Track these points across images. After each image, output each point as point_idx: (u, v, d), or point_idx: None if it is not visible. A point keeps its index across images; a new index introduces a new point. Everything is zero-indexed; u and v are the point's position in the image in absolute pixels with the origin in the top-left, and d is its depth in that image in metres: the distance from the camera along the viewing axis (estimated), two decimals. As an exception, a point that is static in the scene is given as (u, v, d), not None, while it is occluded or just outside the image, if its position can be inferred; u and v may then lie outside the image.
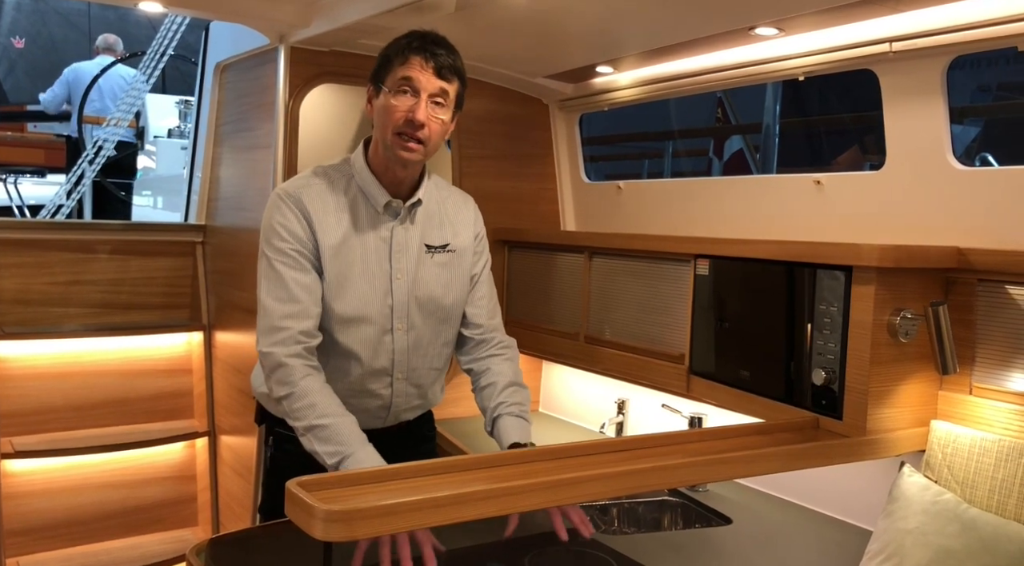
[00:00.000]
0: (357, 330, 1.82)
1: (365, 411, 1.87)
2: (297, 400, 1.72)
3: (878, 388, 1.71)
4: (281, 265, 1.78)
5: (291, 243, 1.78)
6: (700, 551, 1.89)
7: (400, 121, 1.75)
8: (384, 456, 1.68)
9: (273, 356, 1.75)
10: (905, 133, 1.92)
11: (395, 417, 1.94)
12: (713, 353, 2.12)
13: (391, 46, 1.80)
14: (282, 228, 1.79)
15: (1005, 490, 1.60)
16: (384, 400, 1.89)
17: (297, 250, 1.79)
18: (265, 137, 2.67)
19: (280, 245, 1.79)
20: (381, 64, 1.80)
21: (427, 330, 1.89)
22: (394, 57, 1.77)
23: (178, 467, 3.03)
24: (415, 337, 1.88)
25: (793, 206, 2.24)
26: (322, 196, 1.83)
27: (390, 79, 1.76)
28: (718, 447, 1.64)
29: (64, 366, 2.89)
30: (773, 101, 6.23)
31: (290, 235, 1.79)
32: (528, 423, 1.89)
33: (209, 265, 3.13)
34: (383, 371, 1.86)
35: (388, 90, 1.76)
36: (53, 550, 2.79)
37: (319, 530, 1.19)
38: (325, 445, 1.67)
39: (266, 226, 1.82)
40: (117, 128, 5.24)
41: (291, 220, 1.79)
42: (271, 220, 1.82)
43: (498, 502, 1.34)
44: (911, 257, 1.72)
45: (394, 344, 1.85)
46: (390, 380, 1.87)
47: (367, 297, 1.82)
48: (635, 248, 2.42)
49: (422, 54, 1.75)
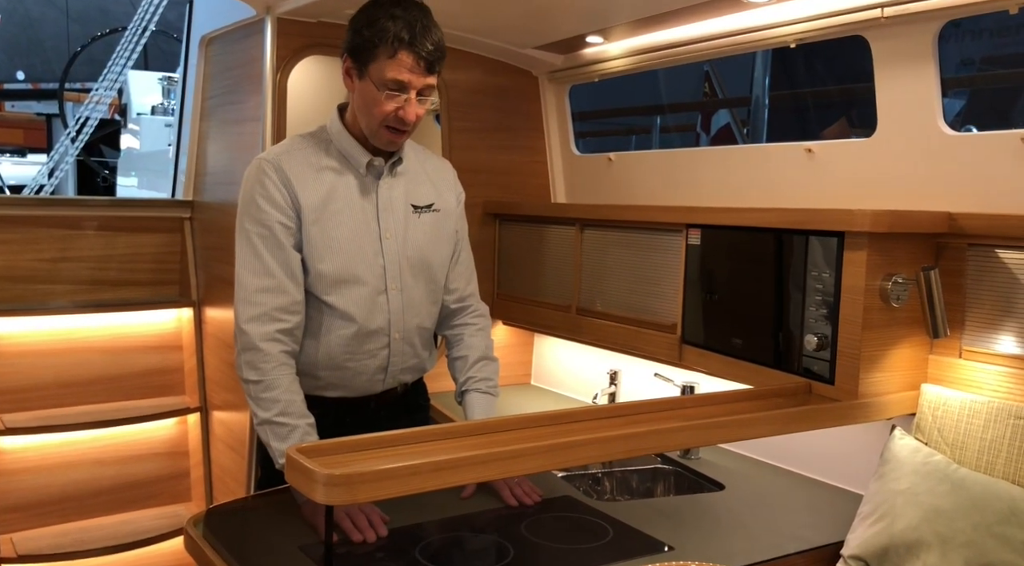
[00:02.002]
0: (350, 291, 1.82)
1: (362, 374, 1.88)
2: (265, 390, 1.73)
3: (870, 353, 1.73)
4: (258, 238, 1.77)
5: (271, 214, 1.77)
6: (694, 516, 1.91)
7: (389, 117, 1.74)
8: (380, 424, 1.68)
9: (248, 336, 1.75)
10: (896, 99, 1.92)
11: (393, 378, 1.94)
12: (705, 322, 2.13)
13: (374, 25, 1.70)
14: (262, 199, 1.78)
15: (994, 450, 1.63)
16: (381, 360, 1.89)
17: (279, 222, 1.77)
18: (253, 110, 2.64)
19: (259, 216, 1.77)
20: (362, 46, 1.71)
21: (418, 289, 1.91)
22: (380, 46, 1.69)
23: (170, 443, 3.03)
24: (408, 296, 1.89)
25: (785, 175, 2.24)
26: (303, 160, 1.82)
27: (376, 70, 1.71)
28: (712, 412, 1.65)
29: (53, 343, 2.87)
30: (763, 73, 6.23)
31: (270, 204, 1.77)
32: (495, 397, 1.98)
33: (198, 241, 3.11)
34: (380, 331, 1.86)
35: (375, 83, 1.72)
36: (46, 526, 2.78)
37: (321, 494, 1.19)
38: (281, 443, 1.70)
39: (246, 198, 1.81)
40: (99, 105, 5.19)
41: (270, 188, 1.78)
42: (251, 192, 1.80)
43: (496, 466, 1.35)
44: (903, 222, 1.74)
45: (389, 304, 1.86)
46: (388, 340, 1.88)
47: (356, 257, 1.82)
48: (627, 219, 2.42)
49: (413, 52, 1.69)
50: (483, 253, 2.92)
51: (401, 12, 1.70)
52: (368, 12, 1.73)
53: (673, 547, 1.69)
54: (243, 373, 1.77)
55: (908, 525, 1.59)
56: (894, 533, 1.61)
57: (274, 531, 1.71)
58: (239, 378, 1.80)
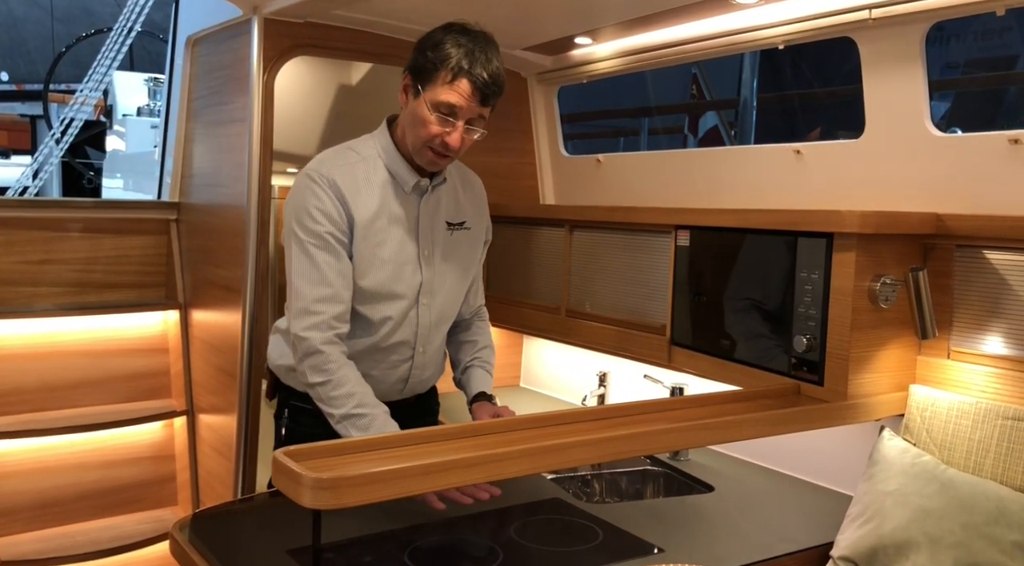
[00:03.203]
0: (386, 305, 1.85)
1: (383, 383, 1.91)
2: (335, 388, 1.74)
3: (858, 353, 1.73)
4: (314, 248, 1.77)
5: (325, 226, 1.77)
6: (684, 518, 1.91)
7: (434, 141, 1.76)
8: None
9: (309, 342, 1.76)
10: (884, 101, 1.93)
11: (411, 389, 1.97)
12: (694, 323, 2.13)
13: (440, 48, 1.72)
14: (316, 211, 1.78)
15: (982, 451, 1.63)
16: (403, 373, 1.92)
17: (331, 232, 1.78)
18: (239, 111, 2.63)
19: (314, 227, 1.77)
20: (425, 67, 1.73)
21: (445, 305, 1.96)
22: (441, 69, 1.71)
23: (156, 447, 3.00)
24: (436, 312, 1.93)
25: (773, 176, 2.25)
26: (353, 175, 1.82)
27: (431, 92, 1.73)
28: (701, 414, 1.65)
29: (37, 346, 2.83)
30: (751, 75, 6.26)
31: (325, 217, 1.78)
32: (491, 379, 2.10)
33: (184, 243, 3.08)
34: (406, 344, 1.90)
35: (428, 104, 1.73)
36: (30, 531, 2.75)
37: (307, 498, 1.18)
38: (364, 433, 1.70)
39: (298, 207, 1.80)
40: (84, 107, 5.14)
41: (325, 201, 1.78)
42: (304, 202, 1.79)
43: (484, 469, 1.34)
44: (891, 223, 1.74)
45: (419, 318, 1.89)
46: (412, 353, 1.91)
47: (396, 274, 1.85)
48: (616, 220, 2.42)
49: (471, 81, 1.71)
50: (472, 255, 2.91)
51: (467, 41, 1.72)
52: (437, 35, 1.76)
53: (663, 549, 1.69)
54: (309, 378, 1.77)
55: (897, 526, 1.59)
56: (883, 534, 1.61)
57: (262, 535, 1.69)
58: (304, 384, 1.80)
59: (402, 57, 2.78)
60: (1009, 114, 6.90)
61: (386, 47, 2.73)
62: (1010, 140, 1.71)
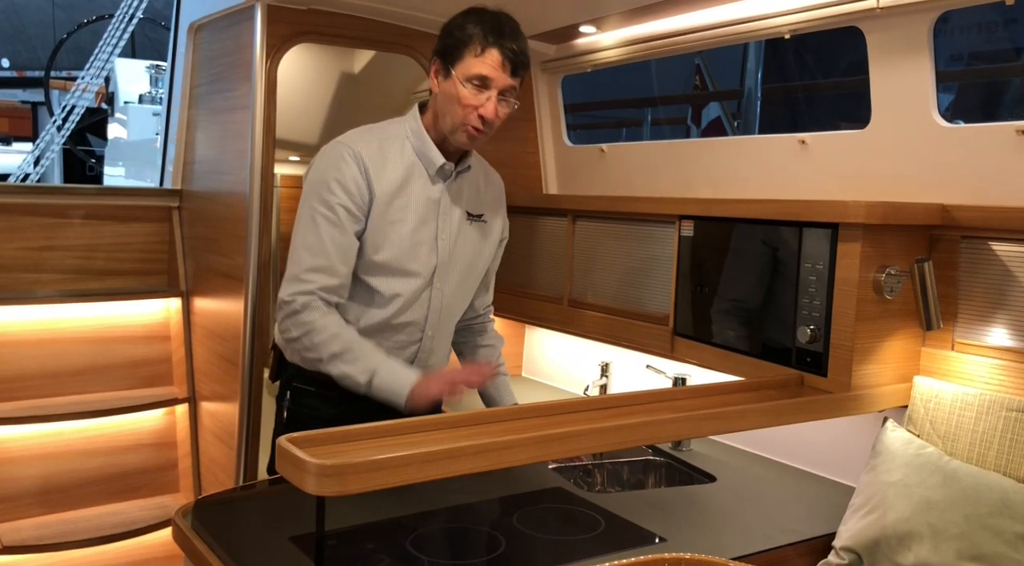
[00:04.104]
0: (398, 282, 1.86)
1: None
2: (318, 334, 1.75)
3: (862, 345, 1.73)
4: (322, 218, 1.79)
5: (340, 197, 1.79)
6: (685, 508, 1.91)
7: (470, 116, 1.78)
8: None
9: (291, 305, 1.78)
10: (891, 91, 1.91)
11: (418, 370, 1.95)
12: (698, 314, 2.13)
13: (464, 28, 1.77)
14: (335, 182, 1.79)
15: (985, 442, 1.63)
16: (409, 355, 1.93)
17: (344, 205, 1.79)
18: (242, 98, 2.62)
19: (328, 198, 1.79)
20: (452, 46, 1.78)
21: (458, 293, 1.97)
22: (469, 45, 1.75)
23: (158, 434, 3.00)
24: (449, 297, 1.94)
25: (778, 167, 2.24)
26: (380, 150, 1.85)
27: (462, 68, 1.76)
28: (704, 404, 1.65)
29: (39, 333, 2.83)
30: (755, 65, 6.23)
31: (342, 190, 1.79)
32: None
33: (186, 230, 3.08)
34: (415, 325, 1.91)
35: (460, 80, 1.76)
36: (32, 517, 2.76)
37: (311, 485, 1.18)
38: (354, 365, 1.72)
39: (318, 178, 1.82)
40: (86, 94, 5.12)
41: (346, 174, 1.79)
42: (326, 173, 1.81)
43: (489, 456, 1.34)
44: (897, 214, 1.73)
45: (430, 301, 1.90)
46: (421, 336, 1.92)
47: (411, 252, 1.86)
48: (619, 211, 2.41)
49: (500, 50, 1.75)
50: (474, 244, 2.91)
51: (490, 18, 1.78)
52: (458, 18, 1.81)
53: (665, 539, 1.69)
54: (292, 333, 1.78)
55: (900, 517, 1.59)
56: (886, 525, 1.61)
57: (264, 522, 1.69)
58: (282, 346, 1.82)
59: (406, 45, 2.79)
60: (1013, 106, 6.88)
61: (390, 35, 2.72)
62: (1018, 131, 1.70)
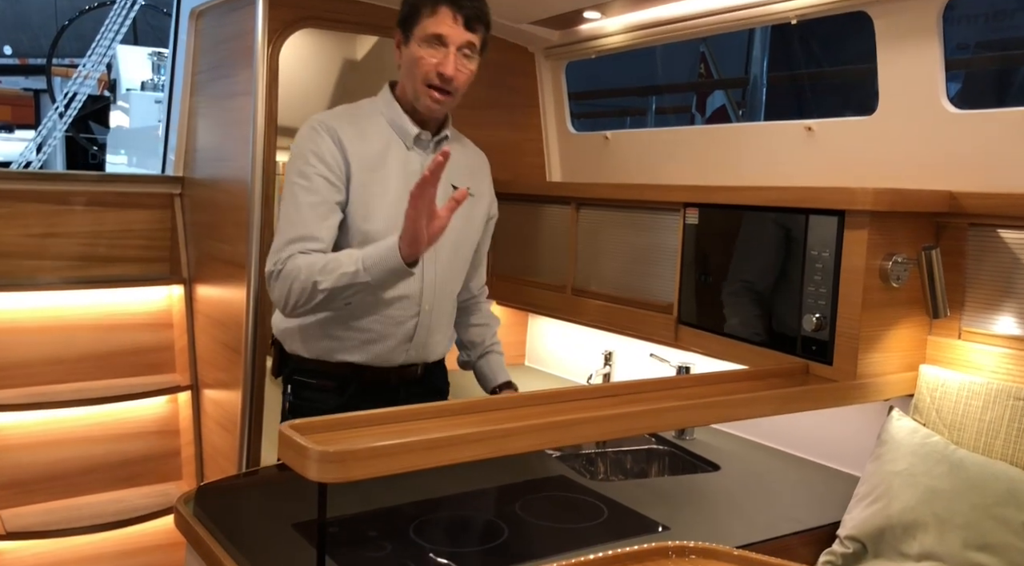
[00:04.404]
0: None
1: (388, 339, 1.90)
2: (300, 272, 1.73)
3: (868, 333, 1.72)
4: (299, 189, 1.80)
5: (316, 167, 1.80)
6: (689, 497, 1.90)
7: (430, 74, 1.80)
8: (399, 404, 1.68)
9: (272, 272, 1.78)
10: (899, 77, 1.89)
11: (418, 353, 1.96)
12: (703, 302, 2.11)
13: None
14: (311, 153, 1.81)
15: (992, 431, 1.62)
16: (408, 330, 1.91)
17: (322, 174, 1.80)
18: (244, 84, 2.60)
19: (304, 168, 1.81)
20: (409, 13, 1.82)
21: (450, 266, 1.97)
22: (422, 7, 1.79)
23: (161, 421, 3.00)
24: (441, 271, 1.94)
25: (784, 153, 2.22)
26: (355, 125, 1.87)
27: (419, 31, 1.79)
28: (708, 392, 1.64)
29: (41, 320, 2.83)
30: (761, 53, 6.19)
31: (317, 159, 1.80)
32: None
33: (188, 218, 3.07)
34: (411, 299, 1.90)
35: (417, 42, 1.80)
36: (36, 503, 2.76)
37: (314, 471, 1.17)
38: (341, 266, 1.70)
39: (295, 154, 1.85)
40: (87, 81, 5.10)
41: (321, 146, 1.81)
42: (302, 148, 1.84)
43: (492, 444, 1.33)
44: (904, 201, 1.72)
45: (423, 273, 1.90)
46: (418, 310, 1.91)
47: (399, 221, 1.83)
48: (623, 198, 2.40)
49: (450, 6, 1.77)
50: (477, 232, 2.89)
51: None
52: None
53: (668, 527, 1.68)
54: (279, 291, 1.77)
55: (905, 506, 1.58)
56: (891, 514, 1.60)
57: (266, 509, 1.69)
58: (283, 304, 1.78)
59: (409, 31, 2.76)
60: (1020, 95, 6.84)
61: (393, 20, 2.69)
62: (1027, 117, 1.68)
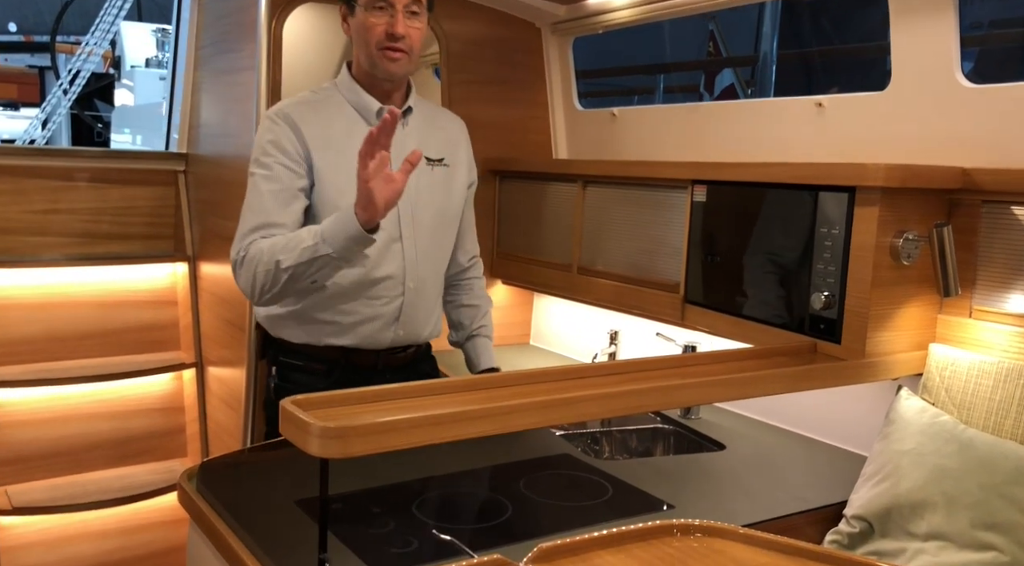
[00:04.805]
0: None
1: (374, 320, 1.88)
2: (264, 254, 1.71)
3: (878, 311, 1.69)
4: (260, 179, 1.80)
5: (275, 156, 1.80)
6: (694, 476, 1.89)
7: (381, 37, 1.79)
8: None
9: (236, 260, 1.78)
10: (912, 51, 1.86)
11: (405, 332, 1.93)
12: (710, 281, 2.09)
13: None
14: (269, 144, 1.81)
15: (1002, 411, 1.60)
16: (394, 310, 1.90)
17: (281, 163, 1.80)
18: (247, 59, 2.57)
19: (264, 160, 1.81)
20: None
21: (433, 242, 1.95)
22: None
23: (165, 399, 3.00)
24: (423, 247, 1.92)
25: (794, 130, 2.18)
26: (312, 110, 1.86)
27: (363, 1, 1.79)
28: (715, 370, 1.62)
29: (45, 297, 2.82)
30: (771, 29, 6.11)
31: (276, 149, 1.80)
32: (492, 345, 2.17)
33: (192, 194, 3.05)
34: (395, 278, 1.88)
35: (362, 9, 1.80)
36: (41, 479, 2.77)
37: (315, 447, 1.16)
38: (301, 243, 1.66)
39: (255, 148, 1.85)
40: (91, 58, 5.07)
41: (279, 135, 1.81)
42: (260, 139, 1.84)
43: (495, 420, 1.31)
44: (916, 177, 1.69)
45: (404, 252, 1.88)
46: (402, 289, 1.89)
47: None
48: (630, 175, 2.37)
49: None
50: (482, 210, 2.86)
51: None
52: None
53: (673, 506, 1.67)
54: (244, 277, 1.76)
55: (913, 485, 1.57)
56: (899, 493, 1.58)
57: (269, 485, 1.68)
58: (252, 293, 1.77)
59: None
60: (1035, 72, 6.75)
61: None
62: (1044, 92, 1.65)
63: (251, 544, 1.40)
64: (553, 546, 1.13)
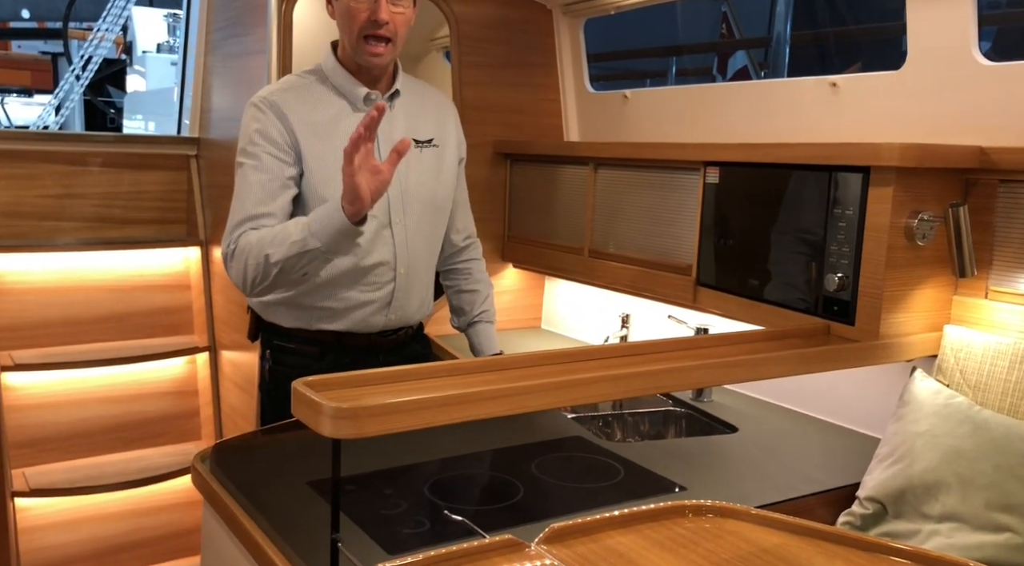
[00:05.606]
0: None
1: (367, 305, 1.87)
2: (253, 247, 1.69)
3: (892, 292, 1.68)
4: (249, 169, 1.77)
5: (263, 146, 1.76)
6: (706, 458, 1.89)
7: (364, 23, 1.75)
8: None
9: (226, 253, 1.75)
10: (929, 28, 1.83)
11: (397, 316, 1.92)
12: (722, 263, 2.08)
13: None
14: (255, 133, 1.78)
15: (1018, 392, 1.58)
16: (386, 294, 1.88)
17: (269, 152, 1.76)
18: (258, 42, 2.57)
19: (251, 149, 1.78)
20: None
21: (423, 225, 1.92)
22: None
23: (179, 382, 3.02)
24: (413, 231, 1.89)
25: (808, 111, 2.16)
26: (298, 97, 1.82)
27: None
28: (727, 352, 1.61)
29: (60, 281, 2.85)
30: (785, 9, 6.04)
31: (262, 137, 1.77)
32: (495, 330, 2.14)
33: (204, 179, 3.06)
34: (386, 264, 1.86)
35: None
36: (58, 462, 2.80)
37: (328, 428, 1.16)
38: (289, 237, 1.64)
39: (241, 136, 1.82)
40: (103, 43, 5.08)
41: (265, 123, 1.78)
42: (246, 128, 1.81)
43: (506, 401, 1.31)
44: (932, 156, 1.67)
45: (394, 238, 1.86)
46: (394, 274, 1.87)
47: None
48: (642, 157, 2.35)
49: None
50: (493, 194, 2.87)
51: None
52: None
53: (685, 487, 1.67)
54: (235, 269, 1.74)
55: (927, 467, 1.56)
56: (912, 474, 1.57)
57: (283, 467, 1.69)
58: (244, 284, 1.75)
59: (424, -15, 2.71)
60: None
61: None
62: (1063, 69, 1.62)
63: (264, 525, 1.41)
64: (565, 526, 1.13)
